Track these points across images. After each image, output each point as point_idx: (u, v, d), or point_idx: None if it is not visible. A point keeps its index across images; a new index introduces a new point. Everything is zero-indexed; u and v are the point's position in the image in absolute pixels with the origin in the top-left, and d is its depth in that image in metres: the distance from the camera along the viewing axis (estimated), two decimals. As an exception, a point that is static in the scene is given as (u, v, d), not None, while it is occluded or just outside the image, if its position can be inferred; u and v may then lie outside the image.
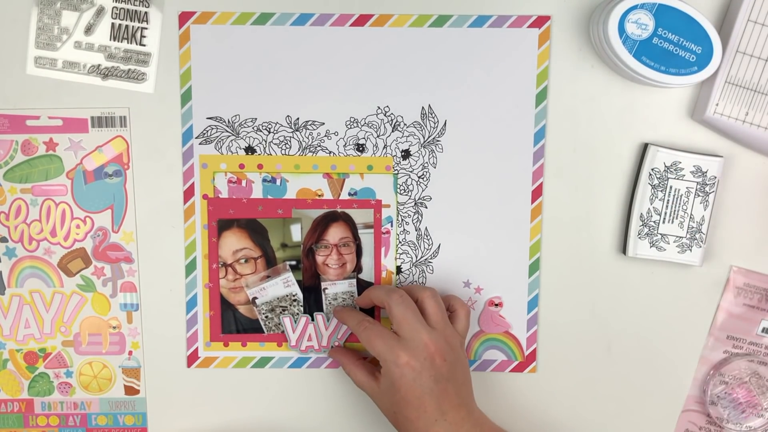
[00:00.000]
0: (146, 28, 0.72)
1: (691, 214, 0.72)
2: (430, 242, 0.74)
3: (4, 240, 0.72)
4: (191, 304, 0.75)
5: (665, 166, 0.72)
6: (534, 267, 0.74)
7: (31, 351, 0.74)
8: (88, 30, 0.72)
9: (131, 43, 0.72)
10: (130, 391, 0.75)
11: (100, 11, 0.72)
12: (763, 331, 0.75)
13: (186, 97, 0.72)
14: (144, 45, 0.72)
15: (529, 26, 0.71)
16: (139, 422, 0.76)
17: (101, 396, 0.75)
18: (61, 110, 0.71)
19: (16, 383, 0.74)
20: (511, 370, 0.76)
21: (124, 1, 0.71)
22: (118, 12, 0.72)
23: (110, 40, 0.72)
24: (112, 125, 0.71)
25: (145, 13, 0.72)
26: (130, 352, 0.74)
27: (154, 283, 0.74)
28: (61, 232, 0.72)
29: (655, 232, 0.72)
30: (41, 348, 0.74)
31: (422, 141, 0.73)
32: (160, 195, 0.73)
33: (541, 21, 0.71)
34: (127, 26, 0.72)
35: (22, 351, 0.74)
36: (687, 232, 0.72)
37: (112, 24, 0.72)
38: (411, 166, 0.73)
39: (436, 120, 0.73)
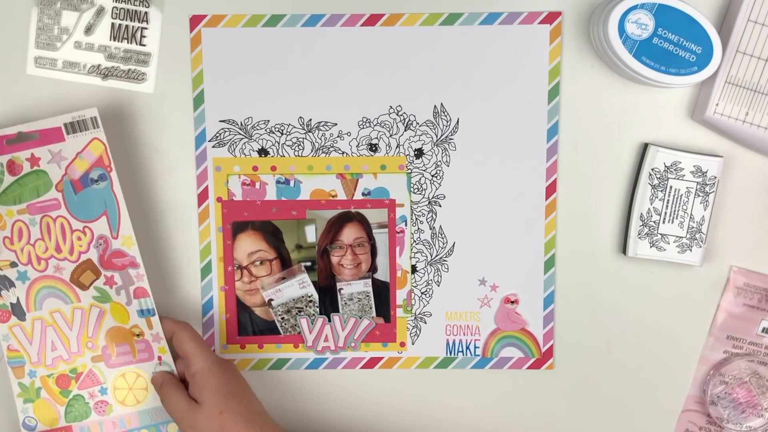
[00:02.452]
0: (146, 28, 0.72)
1: (691, 214, 0.72)
2: (445, 241, 0.74)
3: (14, 265, 0.70)
4: (207, 306, 0.75)
5: (665, 166, 0.72)
6: (549, 263, 0.74)
7: (62, 374, 0.71)
8: (88, 30, 0.72)
9: (131, 43, 0.72)
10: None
11: (100, 11, 0.72)
12: (763, 331, 0.75)
13: (198, 101, 0.72)
14: (144, 45, 0.72)
15: (540, 22, 0.72)
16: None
17: (139, 409, 0.72)
18: (32, 123, 0.69)
19: (52, 411, 0.71)
20: (529, 367, 0.76)
21: (124, 1, 0.71)
22: (118, 12, 0.72)
23: (110, 40, 0.72)
24: (85, 128, 0.69)
25: (145, 13, 0.72)
26: (160, 357, 0.71)
27: (164, 286, 0.74)
28: (65, 247, 0.70)
29: (655, 232, 0.72)
30: (72, 369, 0.71)
31: (435, 139, 0.73)
32: (160, 195, 0.73)
33: (552, 17, 0.72)
34: (127, 26, 0.72)
35: (54, 375, 0.71)
36: (687, 232, 0.72)
37: (112, 24, 0.72)
38: (424, 164, 0.73)
39: (448, 118, 0.73)
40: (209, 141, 0.73)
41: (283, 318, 0.75)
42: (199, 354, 0.68)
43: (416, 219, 0.74)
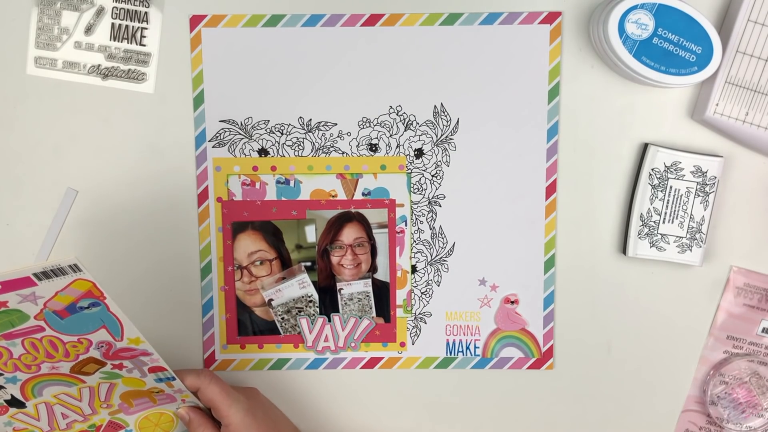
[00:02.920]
0: (146, 28, 0.72)
1: (691, 214, 0.72)
2: (445, 241, 0.74)
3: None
4: (207, 306, 0.75)
5: (665, 166, 0.72)
6: (549, 264, 0.74)
7: (81, 431, 0.67)
8: (88, 30, 0.72)
9: (131, 43, 0.72)
10: None
11: (100, 11, 0.72)
12: (763, 331, 0.75)
13: (198, 101, 0.72)
14: (144, 45, 0.72)
15: (540, 22, 0.72)
16: None
17: None
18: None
19: None
20: (529, 367, 0.76)
21: (124, 1, 0.71)
22: (118, 12, 0.72)
23: (110, 40, 0.72)
24: (63, 274, 0.55)
25: (145, 13, 0.72)
26: (183, 400, 0.68)
27: (164, 286, 0.74)
28: (58, 354, 0.61)
29: (655, 232, 0.72)
30: (90, 425, 0.67)
31: (435, 139, 0.73)
32: (160, 195, 0.73)
33: (552, 17, 0.72)
34: (127, 26, 0.72)
35: None
36: (687, 232, 0.72)
37: (112, 24, 0.72)
38: (424, 164, 0.73)
39: (448, 118, 0.73)
40: (209, 141, 0.73)
41: (283, 318, 0.75)
42: (229, 406, 0.67)
43: (416, 219, 0.74)
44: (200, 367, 0.75)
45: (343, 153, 0.73)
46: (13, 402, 0.64)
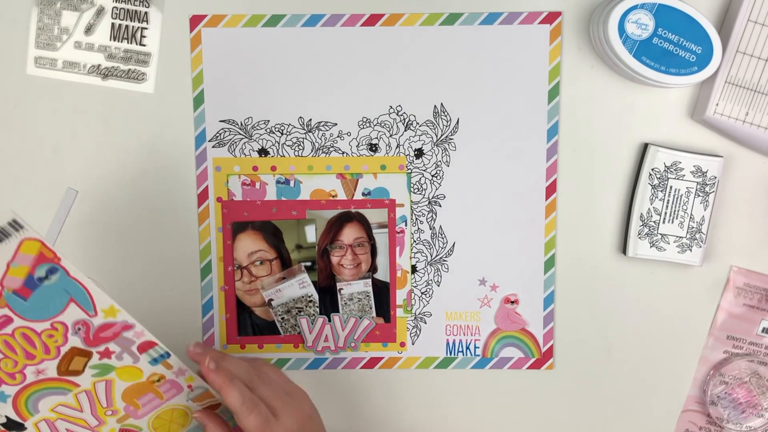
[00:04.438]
0: (146, 28, 0.72)
1: (691, 214, 0.72)
2: (445, 241, 0.74)
3: None
4: (207, 306, 0.75)
5: (665, 166, 0.72)
6: (549, 264, 0.74)
7: None
8: (88, 30, 0.72)
9: (131, 43, 0.72)
10: (213, 408, 0.67)
11: (100, 11, 0.72)
12: (763, 331, 0.75)
13: (198, 101, 0.72)
14: (144, 45, 0.72)
15: (540, 22, 0.72)
16: None
17: (188, 429, 0.67)
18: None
19: None
20: (529, 367, 0.76)
21: (124, 1, 0.71)
22: (118, 12, 0.72)
23: (110, 40, 0.72)
24: (6, 235, 0.52)
25: (145, 13, 0.72)
26: (190, 386, 0.64)
27: (164, 286, 0.74)
28: (37, 352, 0.58)
29: (655, 232, 0.72)
30: None
31: (435, 139, 0.73)
32: (160, 195, 0.73)
33: (552, 17, 0.72)
34: (127, 26, 0.72)
35: None
36: (687, 232, 0.72)
37: (112, 24, 0.72)
38: (424, 164, 0.73)
39: (448, 118, 0.73)
40: (209, 141, 0.73)
41: (283, 318, 0.75)
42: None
43: (416, 219, 0.74)
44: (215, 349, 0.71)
45: (343, 153, 0.73)
46: (11, 425, 0.62)
